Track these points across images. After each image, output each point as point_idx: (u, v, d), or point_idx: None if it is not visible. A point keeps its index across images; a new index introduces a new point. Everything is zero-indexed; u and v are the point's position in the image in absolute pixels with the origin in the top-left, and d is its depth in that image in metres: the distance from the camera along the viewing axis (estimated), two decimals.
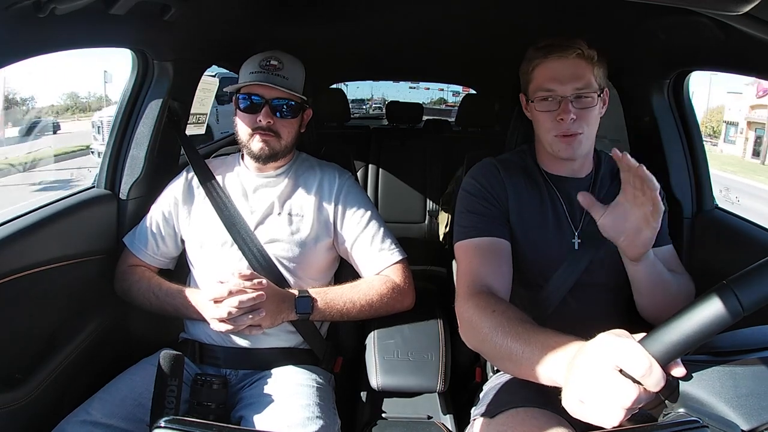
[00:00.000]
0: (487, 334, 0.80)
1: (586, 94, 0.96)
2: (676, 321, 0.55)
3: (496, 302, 0.86)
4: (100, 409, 0.97)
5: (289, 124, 1.18)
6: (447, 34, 1.71)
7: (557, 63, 0.96)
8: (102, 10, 0.94)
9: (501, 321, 0.80)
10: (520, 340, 0.74)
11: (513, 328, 0.77)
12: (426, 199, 2.55)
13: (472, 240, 1.00)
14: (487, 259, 0.97)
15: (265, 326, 1.07)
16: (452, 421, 1.13)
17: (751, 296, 0.52)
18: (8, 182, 5.05)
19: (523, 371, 0.74)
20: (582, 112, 0.96)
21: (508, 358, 0.76)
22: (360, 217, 1.21)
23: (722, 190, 4.91)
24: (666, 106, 1.34)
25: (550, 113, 0.97)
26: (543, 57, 0.97)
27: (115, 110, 1.35)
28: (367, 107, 8.27)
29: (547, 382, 0.69)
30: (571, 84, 0.95)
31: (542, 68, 0.98)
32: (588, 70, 0.96)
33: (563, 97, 0.95)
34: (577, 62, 0.95)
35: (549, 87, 0.96)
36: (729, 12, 0.62)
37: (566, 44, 0.95)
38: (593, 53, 0.96)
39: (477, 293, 0.90)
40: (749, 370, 0.57)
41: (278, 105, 1.16)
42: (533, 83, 1.00)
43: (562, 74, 0.95)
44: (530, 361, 0.71)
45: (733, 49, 1.01)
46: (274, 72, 1.15)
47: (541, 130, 1.00)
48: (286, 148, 1.20)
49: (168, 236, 1.24)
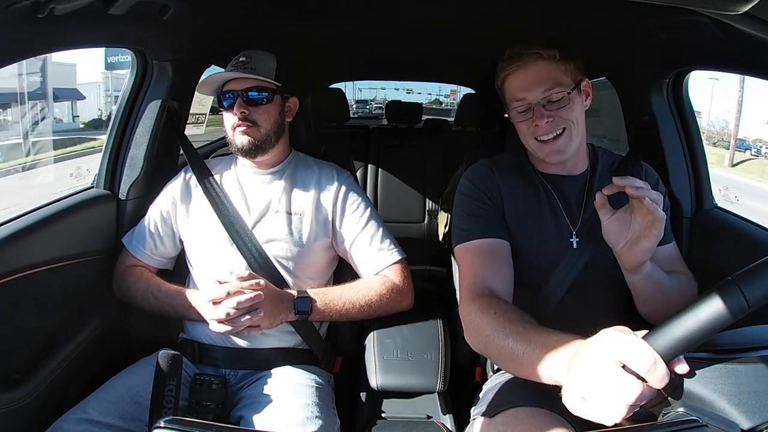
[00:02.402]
0: (490, 336, 0.81)
1: (555, 94, 0.96)
2: (680, 317, 0.54)
3: (497, 304, 0.86)
4: (97, 407, 0.97)
5: (264, 111, 1.19)
6: (447, 33, 1.71)
7: (520, 72, 0.98)
8: (101, 10, 0.94)
9: (502, 322, 0.80)
10: (521, 341, 0.75)
11: (514, 329, 0.77)
12: (425, 198, 2.55)
13: (471, 243, 1.00)
14: (487, 261, 0.97)
15: (264, 327, 1.07)
16: (452, 420, 1.13)
17: (756, 292, 0.52)
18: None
19: (525, 371, 0.74)
20: (557, 112, 0.96)
21: (510, 359, 0.77)
22: (359, 216, 1.21)
23: (721, 189, 4.92)
24: (665, 106, 1.34)
25: (526, 121, 0.99)
26: (506, 69, 0.99)
27: (115, 110, 1.35)
28: (370, 107, 8.50)
29: (549, 381, 0.69)
30: (538, 88, 0.96)
31: (509, 80, 1.00)
32: (553, 70, 0.96)
33: (534, 103, 0.97)
34: (539, 66, 0.96)
35: (518, 96, 0.98)
36: (728, 12, 0.62)
37: (524, 51, 0.97)
38: (553, 52, 0.96)
39: (479, 296, 0.90)
40: (750, 369, 0.57)
41: (251, 96, 1.18)
42: (506, 96, 1.02)
43: (526, 82, 0.97)
44: (531, 361, 0.71)
45: (732, 49, 1.01)
46: (242, 67, 1.19)
47: (522, 136, 1.02)
48: (268, 137, 1.20)
49: (166, 236, 1.24)
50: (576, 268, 0.99)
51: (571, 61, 0.98)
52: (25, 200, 2.00)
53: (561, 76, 0.97)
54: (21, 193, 2.08)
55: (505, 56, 1.00)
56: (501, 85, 1.03)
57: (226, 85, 1.20)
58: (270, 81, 1.19)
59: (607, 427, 0.57)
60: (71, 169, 2.34)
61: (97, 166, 1.33)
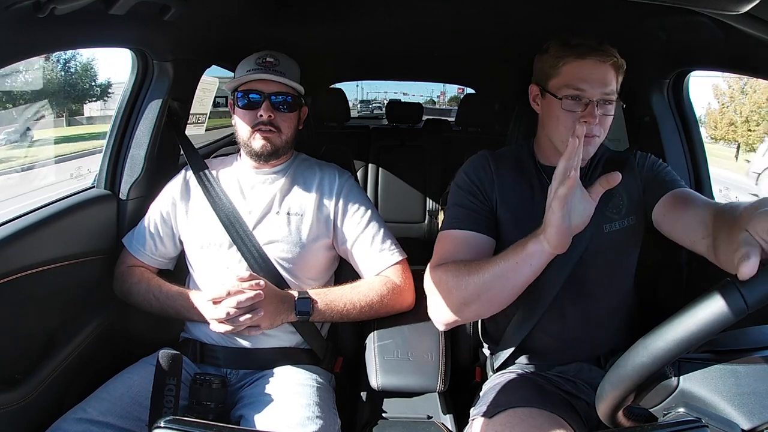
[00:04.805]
0: (470, 279, 0.88)
1: (610, 100, 0.96)
2: (679, 318, 0.54)
3: (461, 261, 0.94)
4: (97, 407, 0.97)
5: (288, 118, 1.19)
6: (447, 34, 1.72)
7: (592, 66, 0.94)
8: (102, 11, 0.94)
9: (472, 265, 0.90)
10: (496, 261, 0.87)
11: (485, 262, 0.89)
12: (426, 198, 2.55)
13: (456, 231, 1.01)
14: (465, 251, 0.98)
15: (264, 327, 1.07)
16: (452, 420, 1.13)
17: (756, 293, 0.52)
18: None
19: (511, 277, 0.86)
20: (603, 117, 0.96)
21: (495, 282, 0.87)
22: (360, 217, 1.21)
23: (722, 189, 4.91)
24: (666, 106, 1.35)
25: (573, 113, 0.96)
26: (578, 56, 0.95)
27: (115, 110, 1.35)
28: (372, 107, 8.74)
29: (533, 251, 0.82)
30: (600, 89, 0.94)
31: (574, 66, 0.95)
32: (614, 78, 0.96)
33: (591, 100, 0.94)
34: (609, 69, 0.95)
35: (579, 86, 0.94)
36: (729, 12, 0.62)
37: (603, 49, 0.95)
38: (623, 62, 0.97)
39: (445, 263, 0.96)
40: (751, 369, 0.57)
41: (277, 101, 1.17)
42: (558, 78, 0.97)
43: (595, 77, 0.94)
44: (512, 262, 0.85)
45: (732, 49, 1.01)
46: (271, 68, 1.17)
47: (558, 127, 0.98)
48: (286, 144, 1.20)
49: (166, 237, 1.24)
50: (570, 260, 0.98)
51: (623, 75, 0.99)
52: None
53: (616, 85, 0.97)
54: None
55: (576, 41, 0.96)
56: (558, 65, 0.97)
57: (248, 83, 1.17)
58: (299, 91, 1.19)
59: (608, 427, 0.57)
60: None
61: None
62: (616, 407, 0.60)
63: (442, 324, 0.99)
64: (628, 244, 1.04)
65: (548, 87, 0.99)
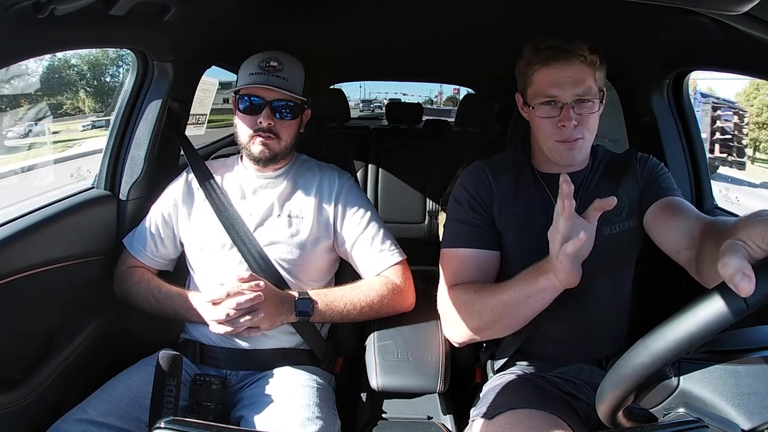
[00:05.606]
0: (483, 308, 0.91)
1: (587, 99, 0.94)
2: (679, 318, 0.54)
3: (472, 285, 0.97)
4: (97, 407, 0.97)
5: (289, 125, 1.18)
6: (446, 34, 1.71)
7: (559, 69, 0.93)
8: (102, 11, 0.94)
9: (485, 294, 0.92)
10: (508, 291, 0.88)
11: (497, 291, 0.90)
12: (426, 199, 2.55)
13: (459, 250, 1.01)
14: (473, 269, 1.00)
15: (264, 328, 1.07)
16: (452, 421, 1.13)
17: (756, 293, 0.52)
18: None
19: (524, 308, 0.87)
20: (583, 117, 0.94)
21: (508, 312, 0.88)
22: (360, 218, 1.21)
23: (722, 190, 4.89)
24: (665, 106, 1.34)
25: (550, 119, 0.95)
26: (543, 63, 0.94)
27: (115, 111, 1.35)
28: (373, 106, 8.85)
29: (545, 287, 0.82)
30: (572, 90, 0.93)
31: (543, 73, 0.95)
32: (589, 75, 0.94)
33: (564, 104, 0.93)
34: (579, 68, 0.93)
35: (550, 93, 0.94)
36: (729, 12, 0.62)
37: (568, 49, 0.92)
38: (595, 58, 0.94)
39: (459, 284, 0.98)
40: (751, 369, 0.57)
41: (278, 106, 1.15)
42: (532, 87, 0.97)
43: (564, 80, 0.93)
44: (524, 296, 0.86)
45: (732, 49, 1.01)
46: (274, 73, 1.15)
47: (542, 135, 0.98)
48: (286, 150, 1.20)
49: (167, 238, 1.24)
50: None
51: (602, 70, 0.97)
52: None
53: (593, 82, 0.95)
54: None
55: (543, 46, 0.94)
56: (529, 74, 0.97)
57: (250, 87, 1.15)
58: (301, 98, 1.18)
59: (608, 427, 0.57)
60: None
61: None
62: (616, 407, 0.60)
63: (457, 343, 1.03)
64: (629, 247, 1.03)
65: (527, 97, 1.00)
